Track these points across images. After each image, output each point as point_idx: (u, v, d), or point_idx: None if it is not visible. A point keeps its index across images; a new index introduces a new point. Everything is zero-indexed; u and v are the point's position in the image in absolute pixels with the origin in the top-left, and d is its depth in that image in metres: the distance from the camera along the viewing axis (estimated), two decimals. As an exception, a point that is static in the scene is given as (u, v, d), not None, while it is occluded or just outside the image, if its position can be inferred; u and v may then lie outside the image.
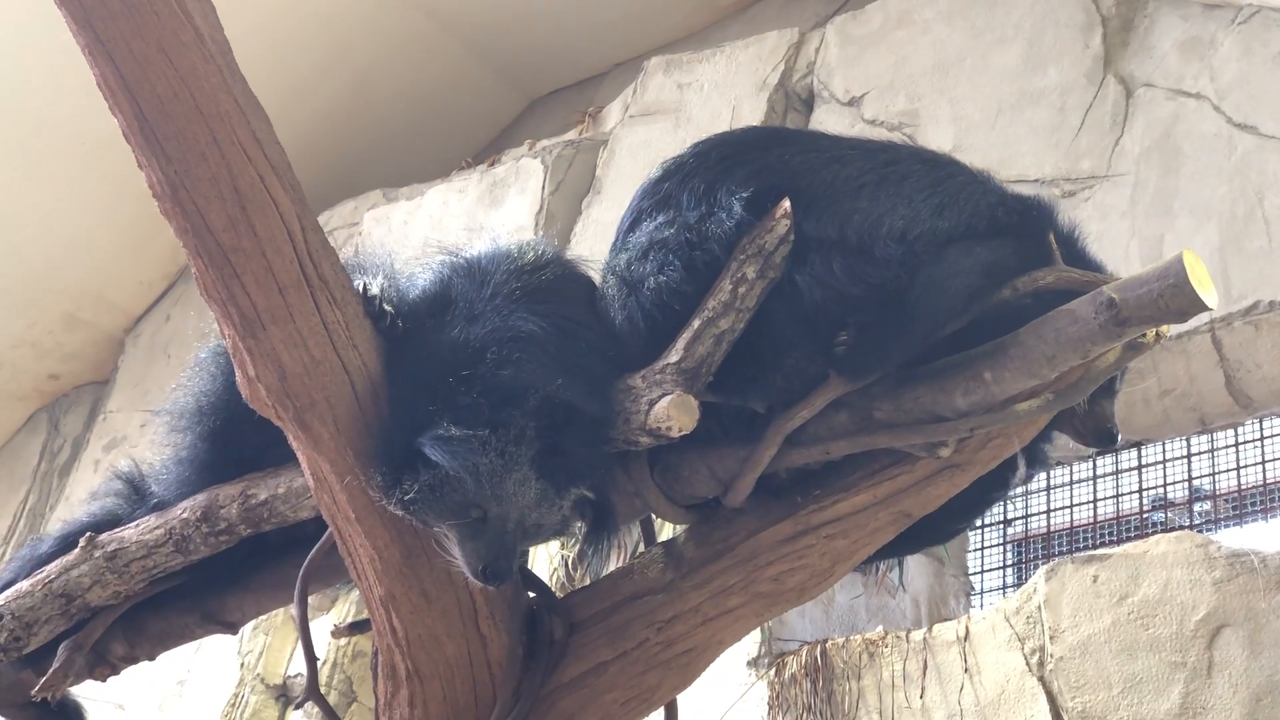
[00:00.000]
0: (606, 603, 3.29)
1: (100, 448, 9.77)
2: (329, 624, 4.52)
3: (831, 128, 7.10)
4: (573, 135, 9.08)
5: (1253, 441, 6.28)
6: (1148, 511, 6.41)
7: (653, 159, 3.31)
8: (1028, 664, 5.38)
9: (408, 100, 10.14)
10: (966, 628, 5.62)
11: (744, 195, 3.02)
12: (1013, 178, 6.44)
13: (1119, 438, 3.28)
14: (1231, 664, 5.03)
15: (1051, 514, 6.62)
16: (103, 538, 3.48)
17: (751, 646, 5.95)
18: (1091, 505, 6.55)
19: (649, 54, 9.19)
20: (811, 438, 3.06)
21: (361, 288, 3.08)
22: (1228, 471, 6.28)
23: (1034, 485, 6.65)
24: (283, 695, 7.46)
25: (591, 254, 3.40)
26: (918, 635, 5.71)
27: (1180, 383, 6.22)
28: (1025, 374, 2.91)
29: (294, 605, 3.39)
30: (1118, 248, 6.27)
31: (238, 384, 3.03)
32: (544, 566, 6.24)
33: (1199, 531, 5.76)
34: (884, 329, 2.96)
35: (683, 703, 3.43)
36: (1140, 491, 6.46)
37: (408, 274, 3.30)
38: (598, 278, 3.26)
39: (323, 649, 6.85)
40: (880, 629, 5.95)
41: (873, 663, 5.70)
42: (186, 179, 2.83)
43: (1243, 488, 6.21)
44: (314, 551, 3.33)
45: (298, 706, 7.01)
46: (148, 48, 2.75)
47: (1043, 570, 5.54)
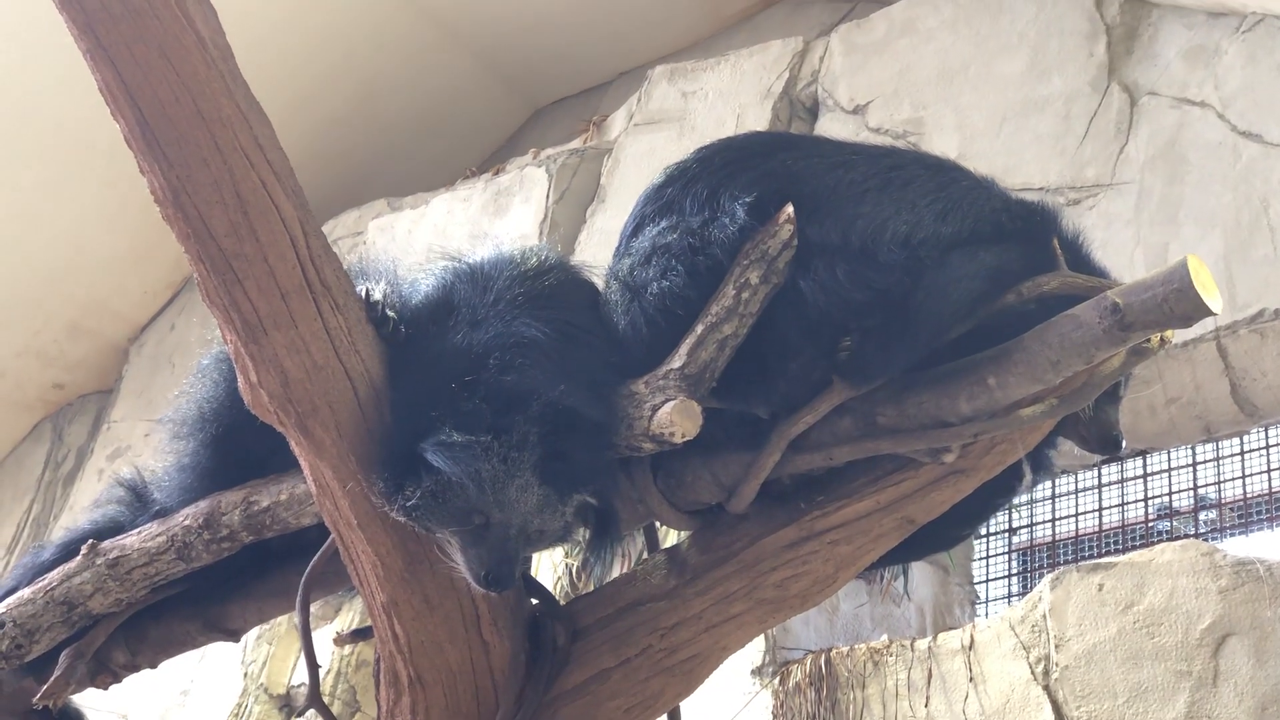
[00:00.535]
0: (609, 609, 3.28)
1: (104, 457, 9.76)
2: (333, 633, 4.51)
3: (836, 136, 7.09)
4: (577, 144, 9.08)
5: (1258, 450, 6.27)
6: (1153, 520, 6.40)
7: (657, 167, 3.30)
8: (1033, 673, 5.36)
9: (413, 109, 10.15)
10: (971, 636, 5.61)
11: (747, 200, 3.02)
12: (1018, 186, 6.42)
13: (1124, 444, 3.27)
14: (1237, 673, 5.02)
15: (1057, 522, 6.61)
16: (105, 545, 3.47)
17: (756, 655, 5.94)
18: (1097, 514, 6.54)
19: (654, 63, 9.19)
20: (815, 443, 3.05)
21: (364, 293, 3.07)
22: (1233, 480, 6.27)
23: (1039, 494, 6.64)
24: (286, 705, 7.45)
25: (596, 263, 3.39)
26: (922, 644, 5.70)
27: (1186, 391, 6.21)
28: (1029, 379, 2.90)
29: (296, 612, 3.38)
30: (1123, 256, 6.26)
31: (240, 390, 3.02)
32: (549, 575, 6.23)
33: (1204, 540, 5.74)
34: (888, 334, 2.96)
35: (687, 711, 3.42)
36: (1145, 500, 6.45)
37: (410, 280, 3.29)
38: (600, 283, 3.25)
39: (326, 658, 6.85)
40: (885, 637, 5.94)
41: (877, 671, 5.69)
42: (188, 184, 2.82)
43: (1248, 496, 6.20)
44: (316, 558, 3.32)
45: (300, 715, 7.00)
46: (149, 52, 2.74)
47: (1048, 579, 5.53)
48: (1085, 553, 6.42)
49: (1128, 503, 6.48)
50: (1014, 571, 6.63)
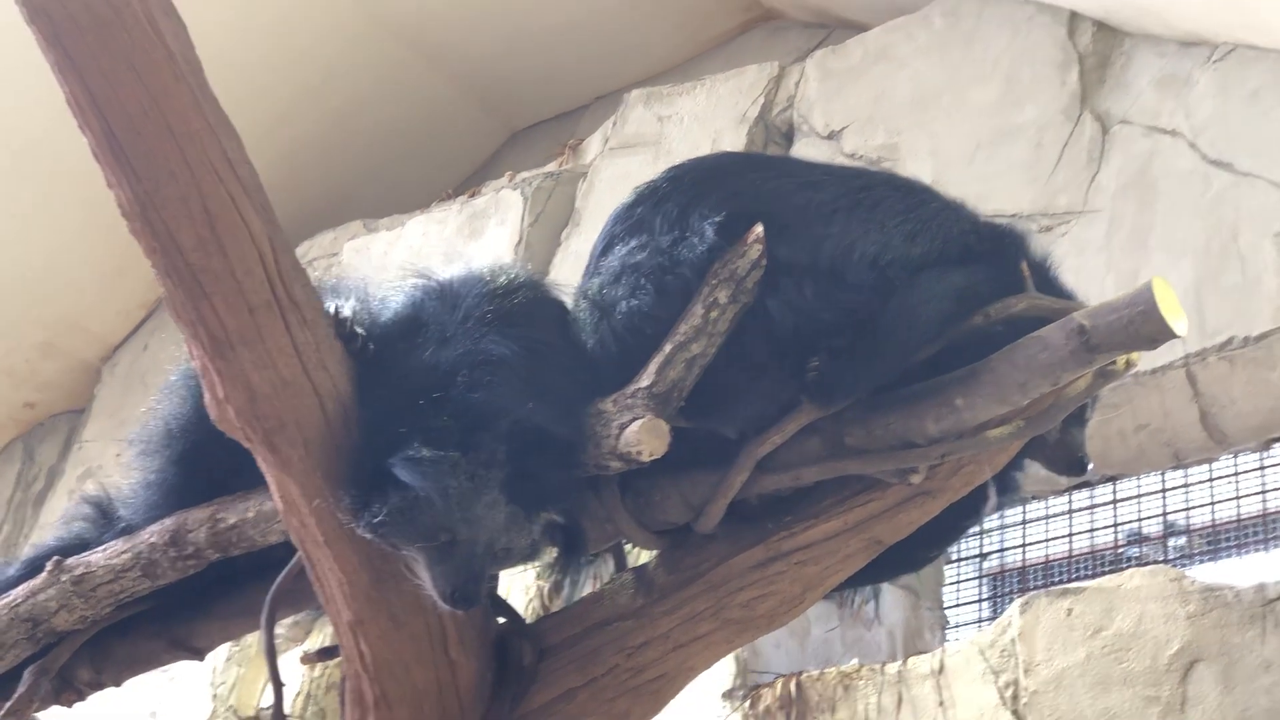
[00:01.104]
0: (577, 628, 3.27)
1: (75, 477, 9.69)
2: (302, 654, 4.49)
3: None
4: (553, 167, 9.08)
5: (1227, 477, 6.28)
6: (1122, 546, 6.41)
7: (632, 191, 3.33)
8: (1001, 698, 5.36)
9: (389, 131, 10.13)
10: (941, 661, 5.61)
11: (717, 220, 3.03)
12: (991, 213, 6.37)
13: (1089, 466, 3.29)
14: (1205, 699, 5.02)
15: (1027, 548, 6.61)
16: (70, 562, 3.45)
17: (726, 678, 5.92)
18: (1067, 539, 6.54)
19: (630, 87, 9.19)
20: (783, 464, 3.06)
21: (333, 310, 3.07)
22: (1202, 506, 6.28)
23: (1009, 519, 6.65)
24: (255, 727, 7.41)
25: (569, 285, 3.39)
26: (892, 668, 5.70)
27: (1155, 418, 6.23)
28: (997, 400, 2.92)
29: (261, 631, 3.36)
30: (1094, 283, 6.27)
31: (206, 406, 3.01)
32: (520, 596, 6.21)
33: (1173, 566, 5.75)
34: (856, 355, 2.96)
35: (655, 734, 3.41)
36: (1115, 526, 6.46)
37: (380, 297, 3.29)
38: (570, 302, 3.25)
39: (296, 679, 6.80)
40: (855, 661, 5.93)
41: (847, 695, 5.68)
42: (156, 198, 2.81)
43: (1217, 523, 6.21)
44: (282, 576, 3.30)
45: (267, 735, 6.96)
46: (117, 65, 2.74)
47: (1017, 603, 5.53)
48: (1055, 578, 6.42)
49: (1097, 528, 6.48)
50: (984, 596, 6.63)
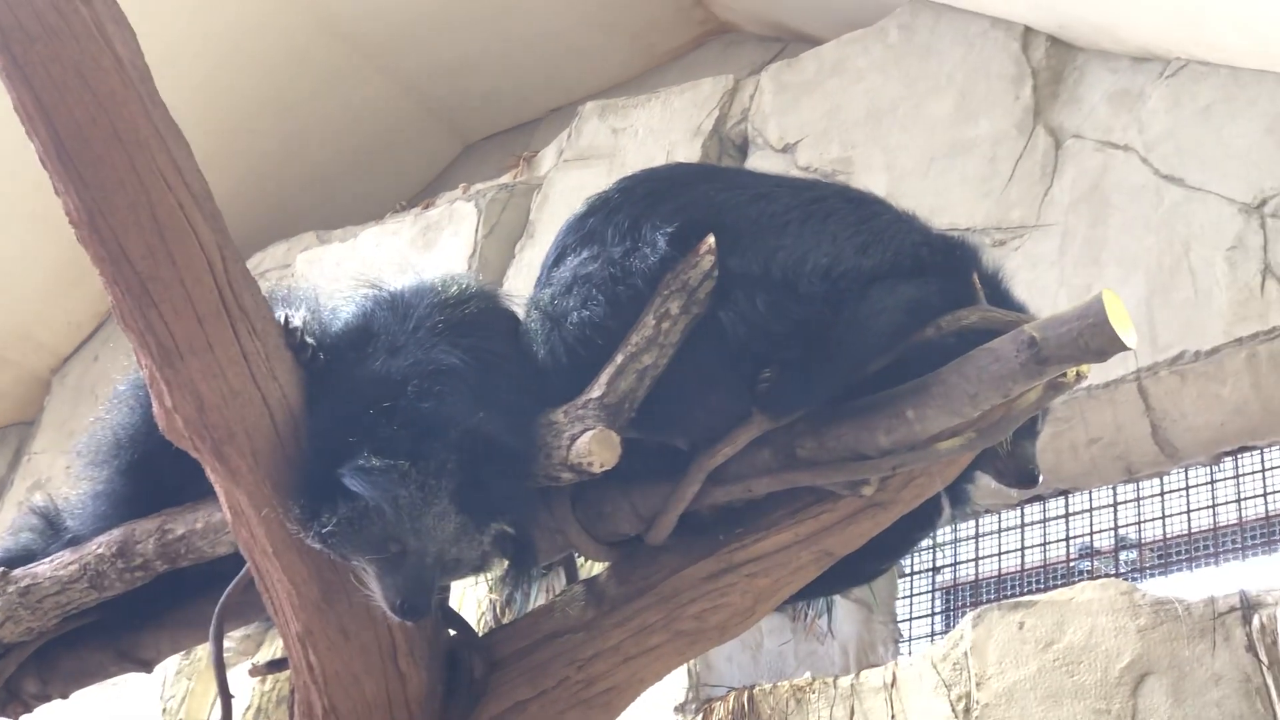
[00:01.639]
0: (527, 640, 3.26)
1: (25, 489, 9.62)
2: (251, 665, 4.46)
3: (764, 174, 7.11)
4: (507, 179, 9.08)
5: (1178, 491, 6.32)
6: (1074, 559, 6.44)
7: (586, 203, 3.32)
8: (954, 710, 5.37)
9: (343, 143, 10.12)
10: (894, 674, 5.62)
11: (669, 230, 3.02)
12: (945, 226, 6.42)
13: (1040, 479, 3.29)
14: (1155, 712, 5.04)
15: (980, 561, 6.64)
16: (16, 573, 3.42)
17: (679, 691, 5.92)
18: (1019, 553, 6.57)
19: (585, 99, 9.21)
20: (734, 475, 3.05)
21: (283, 319, 3.05)
22: (1153, 520, 6.32)
23: (962, 533, 6.67)
24: (205, 741, 7.36)
25: (522, 296, 3.38)
26: (845, 681, 5.70)
27: (1107, 431, 6.26)
28: (948, 412, 2.92)
29: (209, 642, 3.33)
30: (1046, 297, 6.30)
31: (155, 416, 2.98)
32: (472, 610, 6.19)
33: (1125, 579, 5.78)
34: (807, 366, 2.96)
35: (609, 746, 3.39)
36: (1067, 540, 6.49)
37: (331, 307, 3.28)
38: (522, 313, 3.24)
39: (247, 692, 6.76)
40: (808, 675, 5.93)
41: (800, 709, 5.68)
42: (104, 206, 2.79)
43: (1168, 537, 6.25)
44: (231, 587, 3.28)
45: (217, 749, 6.91)
46: (65, 72, 2.72)
47: (969, 617, 5.55)
48: (1008, 592, 6.45)
49: (1050, 542, 6.51)
50: (937, 610, 6.65)
